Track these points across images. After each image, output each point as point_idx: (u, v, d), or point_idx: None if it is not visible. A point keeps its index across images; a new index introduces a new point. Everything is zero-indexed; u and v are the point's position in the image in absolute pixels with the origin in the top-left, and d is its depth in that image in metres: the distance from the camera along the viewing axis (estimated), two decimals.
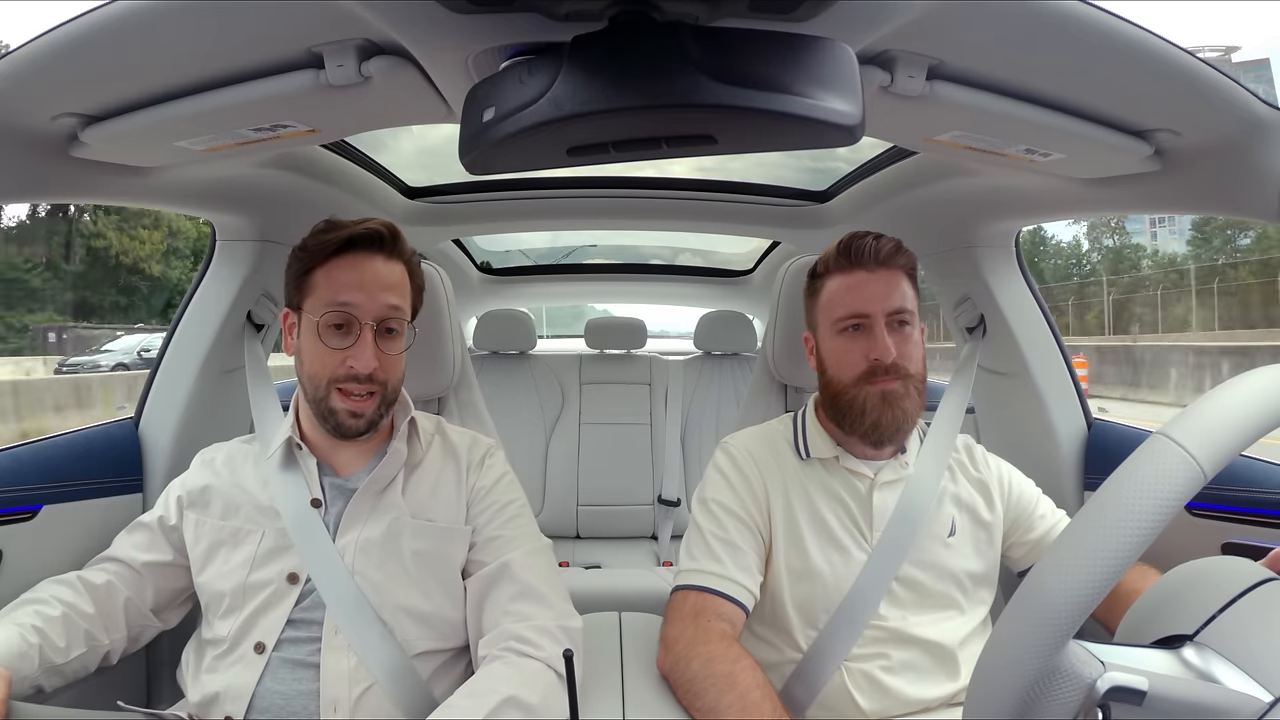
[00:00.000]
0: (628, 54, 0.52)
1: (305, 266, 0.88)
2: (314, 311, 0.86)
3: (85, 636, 0.83)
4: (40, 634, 0.78)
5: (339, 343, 0.85)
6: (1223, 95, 0.74)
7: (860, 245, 0.95)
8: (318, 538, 0.85)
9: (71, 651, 0.81)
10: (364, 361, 0.84)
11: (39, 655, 0.77)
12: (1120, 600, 0.74)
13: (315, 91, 0.72)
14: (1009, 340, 1.30)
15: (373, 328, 0.85)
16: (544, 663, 0.79)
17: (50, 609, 0.81)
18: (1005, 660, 0.47)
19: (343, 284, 0.85)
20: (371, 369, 0.84)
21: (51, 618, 0.80)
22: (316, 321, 0.85)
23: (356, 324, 0.85)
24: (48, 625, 0.79)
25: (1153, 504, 0.44)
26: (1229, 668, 0.47)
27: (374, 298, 0.85)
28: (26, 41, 0.67)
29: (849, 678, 0.89)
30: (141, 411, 1.22)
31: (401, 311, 0.88)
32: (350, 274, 0.86)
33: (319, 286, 0.86)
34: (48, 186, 0.88)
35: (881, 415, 0.91)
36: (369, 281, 0.86)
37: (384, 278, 0.87)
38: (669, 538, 2.25)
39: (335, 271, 0.86)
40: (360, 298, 0.85)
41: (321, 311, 0.85)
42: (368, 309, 0.85)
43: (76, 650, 0.81)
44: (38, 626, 0.78)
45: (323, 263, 0.87)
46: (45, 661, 0.78)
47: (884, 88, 0.72)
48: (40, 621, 0.79)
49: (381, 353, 0.86)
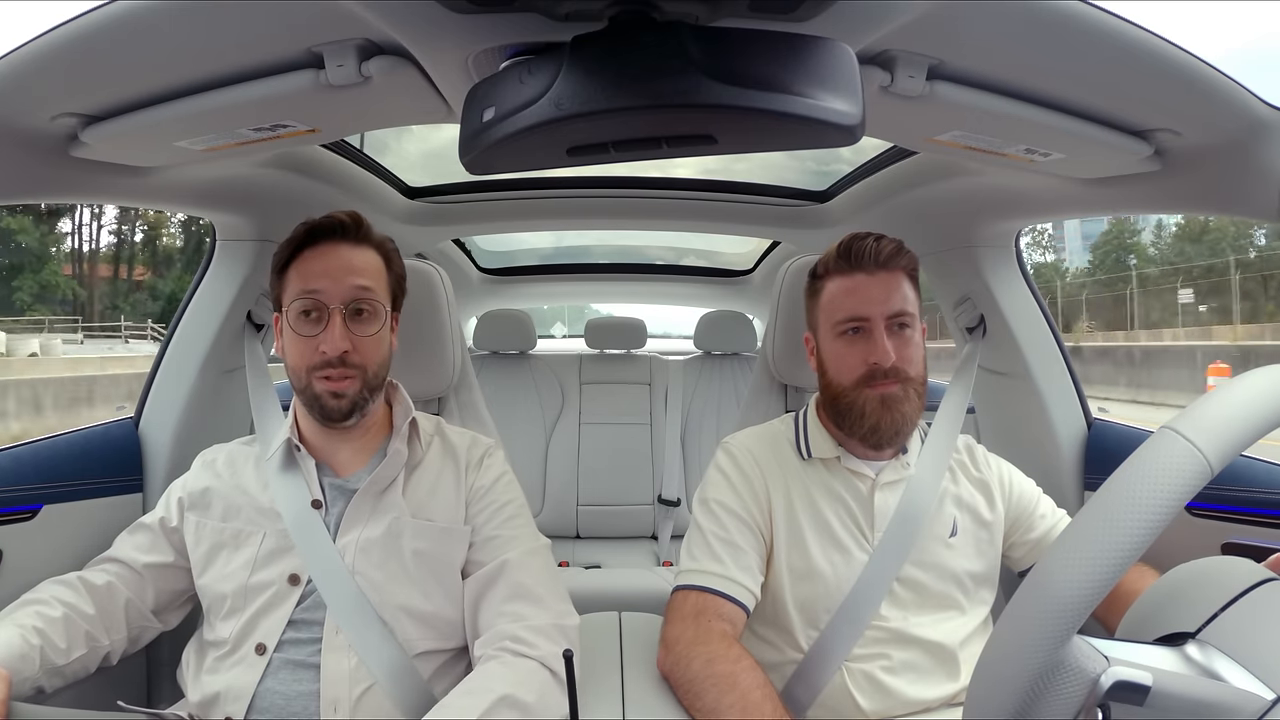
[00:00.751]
0: (628, 54, 0.52)
1: (279, 265, 0.90)
2: (287, 304, 0.88)
3: (86, 637, 0.83)
4: (41, 635, 0.78)
5: (309, 330, 0.86)
6: (1223, 95, 0.74)
7: (860, 247, 0.94)
8: (318, 539, 0.85)
9: (72, 652, 0.81)
10: (333, 344, 0.84)
11: (40, 656, 0.77)
12: (1120, 600, 0.74)
13: (315, 91, 0.72)
14: (1009, 340, 1.30)
15: (341, 311, 0.86)
16: (540, 662, 0.79)
17: (51, 610, 0.81)
18: (1009, 654, 0.46)
19: (310, 273, 0.87)
20: (341, 351, 0.85)
21: (53, 619, 0.80)
22: (288, 312, 0.87)
23: (324, 309, 0.86)
24: (49, 626, 0.79)
25: (1159, 497, 0.44)
26: (1232, 665, 0.47)
27: (339, 281, 0.86)
28: (26, 41, 0.67)
29: (850, 678, 0.89)
30: (141, 411, 1.22)
31: (372, 293, 0.88)
32: (316, 263, 0.87)
33: (291, 280, 0.88)
34: (48, 186, 0.88)
35: (881, 419, 0.91)
36: (334, 268, 0.87)
37: (350, 262, 0.88)
38: (669, 538, 2.25)
39: (304, 263, 0.88)
40: (325, 283, 0.86)
41: (291, 302, 0.87)
42: (334, 293, 0.86)
43: (77, 651, 0.81)
44: (39, 628, 0.78)
45: (294, 258, 0.89)
46: (46, 662, 0.78)
47: (884, 88, 0.72)
48: (41, 623, 0.79)
49: (353, 335, 0.86)
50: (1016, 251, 1.34)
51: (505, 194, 1.72)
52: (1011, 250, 1.33)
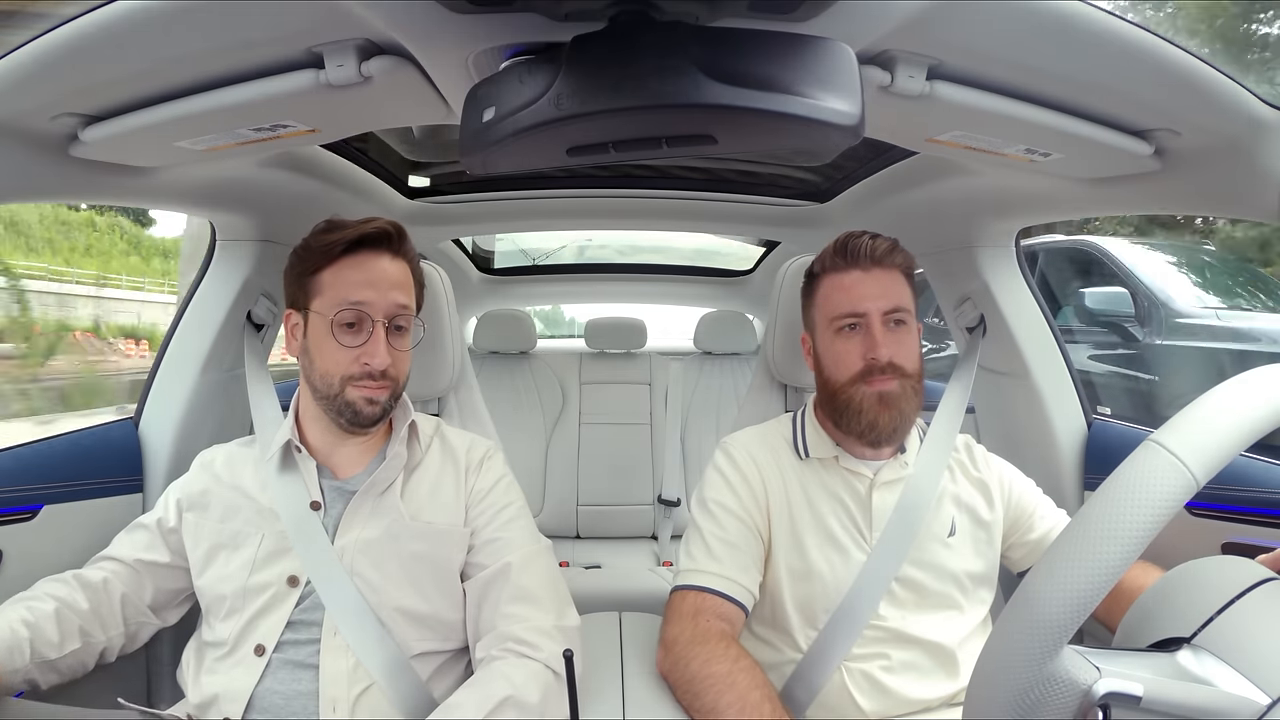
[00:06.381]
0: (628, 54, 0.52)
1: (312, 267, 0.89)
2: (325, 311, 0.87)
3: (80, 632, 0.83)
4: (30, 627, 0.78)
5: (352, 340, 0.86)
6: (1223, 95, 0.74)
7: (856, 244, 0.95)
8: (317, 540, 0.85)
9: (65, 646, 0.81)
10: (379, 358, 0.85)
11: (29, 648, 0.77)
12: (1122, 599, 0.74)
13: (315, 91, 0.72)
14: (1009, 340, 1.30)
15: (384, 325, 0.87)
16: (542, 663, 0.79)
17: (42, 604, 0.81)
18: (1000, 667, 0.47)
19: (353, 283, 0.86)
20: (385, 365, 0.86)
21: (43, 612, 0.81)
22: (330, 320, 0.86)
23: (369, 322, 0.86)
24: (39, 619, 0.80)
25: (1144, 511, 0.44)
26: (1226, 670, 0.47)
27: (384, 295, 0.87)
28: (26, 41, 0.67)
29: (849, 677, 0.89)
30: (141, 411, 1.22)
31: (409, 309, 0.90)
32: (359, 273, 0.87)
33: (329, 286, 0.87)
34: (48, 187, 0.88)
35: (878, 416, 0.91)
36: (378, 280, 0.87)
37: (392, 276, 0.88)
38: (669, 537, 2.25)
39: (345, 271, 0.87)
40: (372, 295, 0.86)
41: (334, 311, 0.86)
42: (379, 306, 0.86)
43: (71, 645, 0.82)
44: (27, 620, 0.79)
45: (331, 262, 0.88)
46: (37, 655, 0.78)
47: (884, 88, 0.72)
48: (30, 615, 0.79)
49: (392, 349, 0.87)
50: (1016, 251, 1.34)
51: (505, 194, 1.72)
52: (1011, 250, 1.33)
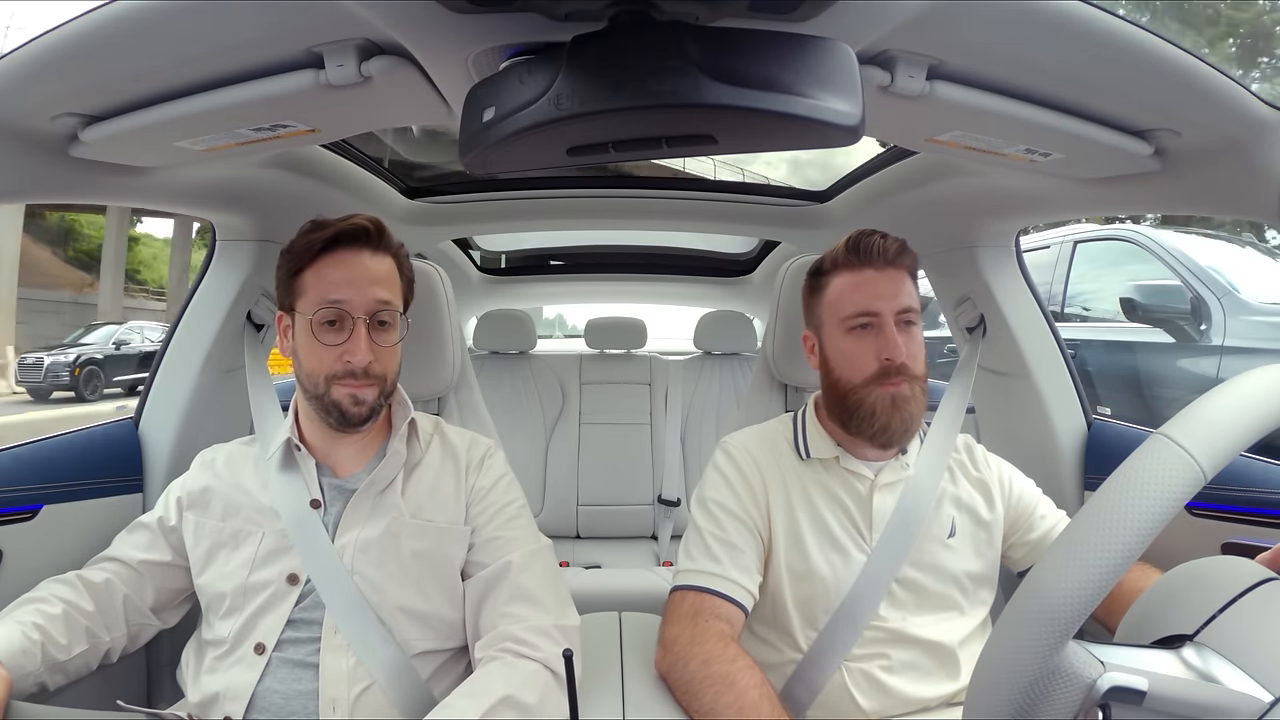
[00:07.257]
0: (628, 54, 0.52)
1: (294, 267, 0.88)
2: (307, 310, 0.87)
3: (86, 634, 0.83)
4: (42, 631, 0.78)
5: (333, 339, 0.86)
6: (1223, 95, 0.74)
7: (869, 243, 0.94)
8: (317, 538, 0.85)
9: (74, 648, 0.81)
10: (359, 356, 0.85)
11: (41, 652, 0.77)
12: (1121, 600, 0.74)
13: (315, 91, 0.72)
14: (1009, 340, 1.30)
15: (365, 322, 0.86)
16: (541, 663, 0.79)
17: (51, 607, 0.81)
18: (1004, 660, 0.47)
19: (332, 281, 0.86)
20: (367, 362, 0.85)
21: (53, 615, 0.81)
22: (310, 320, 0.86)
23: (349, 319, 0.86)
24: (49, 623, 0.80)
25: (1152, 504, 0.44)
26: (1229, 667, 0.47)
27: (364, 292, 0.86)
28: (26, 41, 0.67)
29: (849, 677, 0.89)
30: (141, 411, 1.22)
31: (392, 305, 0.89)
32: (339, 271, 0.86)
33: (310, 286, 0.87)
34: (47, 186, 0.88)
35: (891, 419, 0.91)
36: (358, 277, 0.86)
37: (373, 272, 0.88)
38: (669, 538, 2.25)
39: (324, 269, 0.87)
40: (350, 293, 0.86)
41: (314, 310, 0.86)
42: (359, 304, 0.86)
43: (78, 647, 0.82)
44: (39, 624, 0.79)
45: (311, 262, 0.87)
46: (48, 658, 0.78)
47: (884, 88, 0.72)
48: (42, 619, 0.79)
49: (376, 345, 0.87)
50: (1016, 251, 1.34)
51: (505, 194, 1.72)
52: (1011, 250, 1.33)
